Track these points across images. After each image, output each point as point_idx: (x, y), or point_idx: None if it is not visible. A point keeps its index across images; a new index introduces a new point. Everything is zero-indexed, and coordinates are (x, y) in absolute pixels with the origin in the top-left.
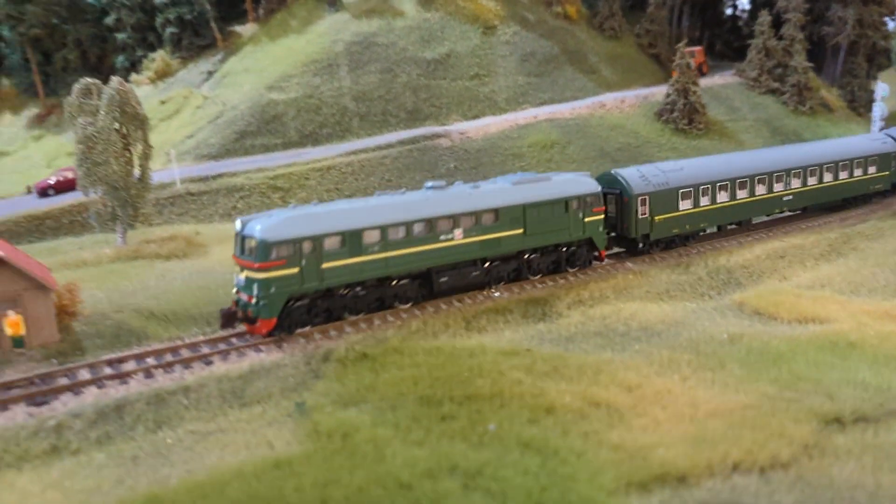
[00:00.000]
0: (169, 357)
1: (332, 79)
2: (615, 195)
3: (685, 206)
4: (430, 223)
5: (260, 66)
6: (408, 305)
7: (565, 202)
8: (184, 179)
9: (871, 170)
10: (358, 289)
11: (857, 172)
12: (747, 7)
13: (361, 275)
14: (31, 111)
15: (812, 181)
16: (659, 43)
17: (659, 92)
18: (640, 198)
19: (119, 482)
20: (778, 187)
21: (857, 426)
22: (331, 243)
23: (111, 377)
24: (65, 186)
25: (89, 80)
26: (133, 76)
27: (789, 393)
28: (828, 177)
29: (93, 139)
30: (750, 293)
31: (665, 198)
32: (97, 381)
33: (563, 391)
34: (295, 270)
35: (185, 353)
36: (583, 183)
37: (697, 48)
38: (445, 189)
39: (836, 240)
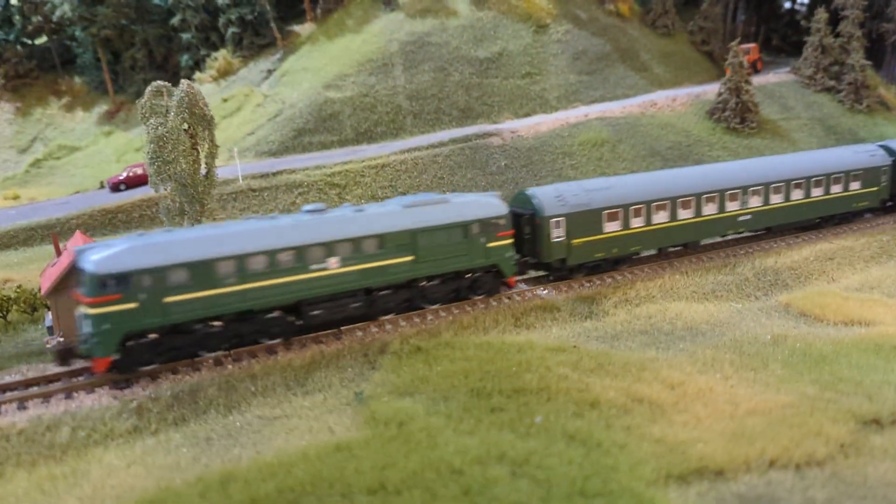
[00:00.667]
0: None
1: (387, 78)
2: (528, 216)
3: (612, 228)
4: (298, 252)
5: (317, 66)
6: (277, 342)
7: (464, 226)
8: (245, 176)
9: (854, 185)
10: (214, 324)
11: (836, 189)
12: (806, 0)
13: (215, 309)
14: (101, 108)
15: (776, 199)
16: (712, 40)
17: (711, 90)
18: (553, 220)
19: (195, 460)
20: (732, 206)
21: (894, 427)
22: (176, 275)
23: (185, 364)
24: (135, 182)
25: (160, 82)
26: (197, 74)
27: (829, 393)
28: (797, 194)
29: (163, 139)
30: (796, 294)
31: (585, 219)
32: (172, 368)
33: (607, 387)
34: (132, 305)
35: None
36: (486, 205)
37: (752, 45)
38: (322, 213)
39: (887, 242)
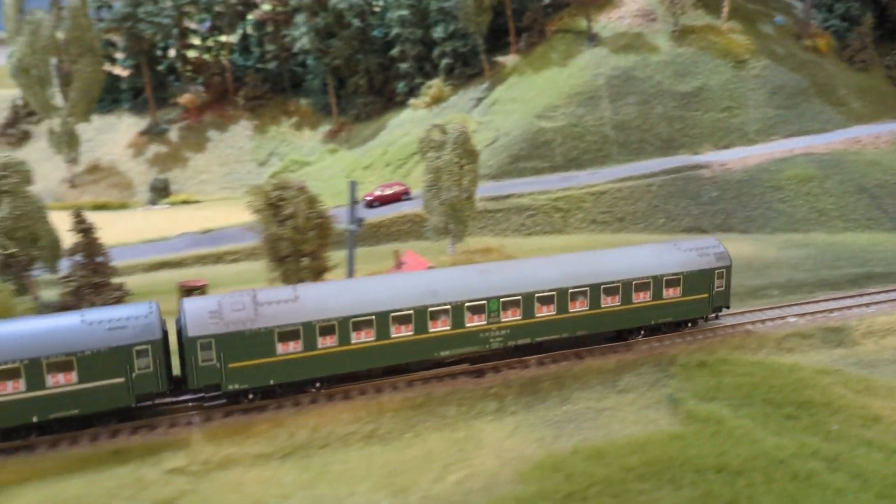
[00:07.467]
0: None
1: (595, 109)
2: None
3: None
4: None
5: (527, 96)
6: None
7: None
8: (480, 198)
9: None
10: None
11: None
12: None
13: None
14: (325, 128)
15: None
16: None
17: None
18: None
19: (556, 437)
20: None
21: None
22: None
23: (515, 363)
24: (385, 200)
25: (438, 123)
26: (411, 101)
27: None
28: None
29: (439, 170)
30: None
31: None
32: (508, 365)
33: (883, 406)
34: None
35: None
36: None
37: None
38: None
39: None
